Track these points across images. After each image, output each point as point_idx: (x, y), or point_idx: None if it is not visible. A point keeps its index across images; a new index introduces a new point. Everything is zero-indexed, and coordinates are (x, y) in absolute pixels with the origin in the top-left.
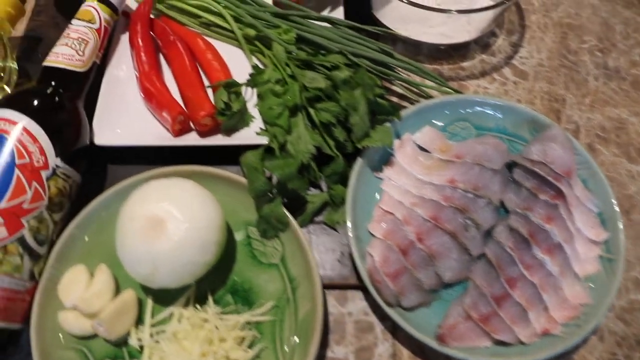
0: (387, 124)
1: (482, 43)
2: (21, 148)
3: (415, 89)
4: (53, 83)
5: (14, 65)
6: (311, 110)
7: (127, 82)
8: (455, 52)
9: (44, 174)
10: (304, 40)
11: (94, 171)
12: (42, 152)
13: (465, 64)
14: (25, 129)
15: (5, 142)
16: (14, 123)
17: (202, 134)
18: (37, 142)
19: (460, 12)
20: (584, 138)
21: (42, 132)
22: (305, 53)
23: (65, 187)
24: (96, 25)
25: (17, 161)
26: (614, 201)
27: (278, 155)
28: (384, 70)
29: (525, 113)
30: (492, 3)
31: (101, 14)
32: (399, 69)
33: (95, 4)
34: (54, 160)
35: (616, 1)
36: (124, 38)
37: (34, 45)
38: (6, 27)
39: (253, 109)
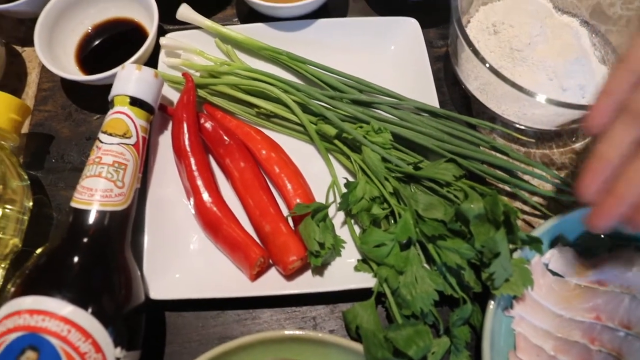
0: (524, 259)
1: None
2: (70, 351)
3: (532, 196)
4: (90, 234)
5: (25, 183)
6: (431, 248)
7: (178, 205)
8: (563, 130)
9: None
10: (398, 139)
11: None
12: (97, 349)
13: (577, 146)
14: (70, 322)
15: (48, 346)
16: (52, 316)
17: (287, 276)
18: (90, 336)
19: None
20: None
21: (95, 320)
22: (404, 160)
23: None
24: (133, 140)
25: None
26: None
27: (403, 323)
28: (500, 174)
29: None
30: (603, 67)
31: (136, 121)
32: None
33: (127, 108)
34: (113, 354)
35: None
36: (163, 141)
37: (43, 147)
38: (12, 138)
39: (340, 229)
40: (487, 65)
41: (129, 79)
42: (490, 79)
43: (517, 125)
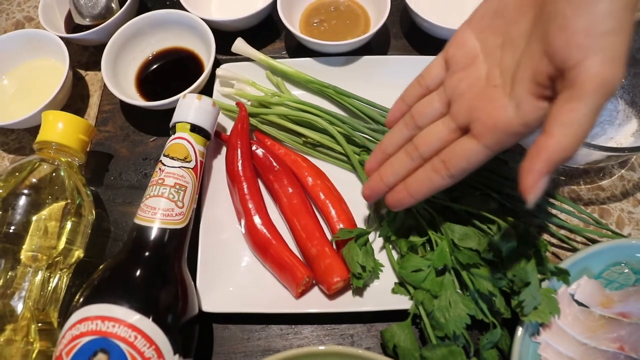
0: (551, 289)
1: (622, 160)
2: (136, 355)
3: (559, 229)
4: (152, 250)
5: (90, 198)
6: (465, 275)
7: (229, 225)
8: (590, 167)
9: None
10: None
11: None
12: (160, 355)
13: (604, 183)
14: (137, 329)
15: (117, 350)
16: (121, 323)
17: (329, 295)
18: (153, 343)
19: (598, 148)
20: None
21: (158, 328)
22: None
23: None
24: (192, 164)
25: None
26: None
27: (437, 343)
28: (531, 209)
29: None
30: (635, 121)
31: (196, 147)
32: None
33: (188, 135)
34: None
35: None
36: (217, 164)
37: (103, 165)
38: (79, 156)
39: (378, 254)
40: None
41: (190, 107)
42: None
43: None
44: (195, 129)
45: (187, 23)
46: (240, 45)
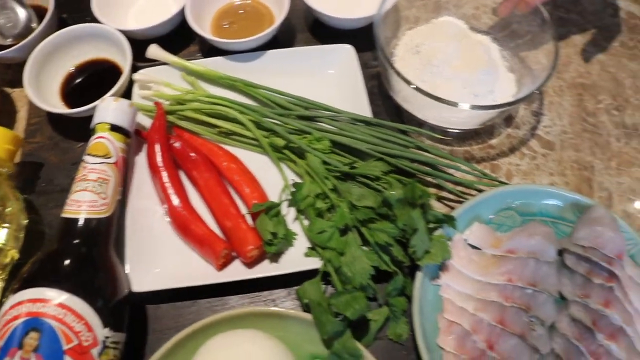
0: (443, 234)
1: (506, 116)
2: (67, 330)
3: (456, 186)
4: (79, 238)
5: (20, 205)
6: (364, 231)
7: (154, 213)
8: (482, 129)
9: (95, 352)
10: (337, 145)
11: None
12: (89, 328)
13: (493, 142)
14: (66, 307)
15: (47, 327)
16: (50, 302)
17: (248, 264)
18: (83, 318)
19: (475, 107)
20: (618, 204)
21: (86, 305)
22: (341, 162)
23: (116, 355)
24: (113, 159)
25: (64, 347)
26: None
27: (342, 290)
28: (425, 169)
29: (566, 196)
30: (513, 85)
31: (116, 144)
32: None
33: (108, 134)
34: (102, 333)
35: (621, 54)
36: (139, 160)
37: (34, 173)
38: (8, 165)
39: (292, 224)
40: (405, 80)
41: (108, 109)
42: (411, 92)
43: (441, 128)
44: (114, 128)
45: (104, 35)
46: (154, 51)
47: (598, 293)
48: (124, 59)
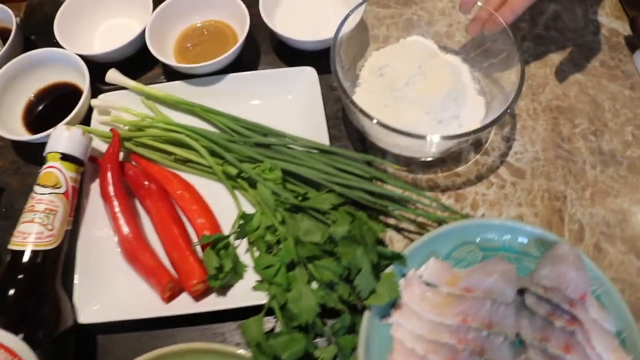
0: (393, 272)
1: (474, 142)
2: None
3: (417, 217)
4: (23, 271)
5: None
6: (310, 267)
7: (106, 241)
8: (448, 156)
9: None
10: (290, 174)
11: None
12: None
13: (460, 169)
14: (2, 346)
15: None
16: None
17: (196, 297)
18: (17, 355)
19: (434, 138)
20: (590, 238)
21: (22, 342)
22: (292, 194)
23: None
24: (63, 189)
25: None
26: (632, 322)
27: (283, 330)
28: (382, 202)
29: (530, 232)
30: (482, 109)
31: (66, 173)
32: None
33: (59, 163)
34: None
35: (601, 75)
36: (94, 187)
37: None
38: None
39: (244, 255)
40: (362, 113)
41: (60, 137)
42: (367, 121)
43: (404, 156)
44: (65, 157)
45: (64, 59)
46: (112, 75)
47: (559, 337)
48: (84, 83)
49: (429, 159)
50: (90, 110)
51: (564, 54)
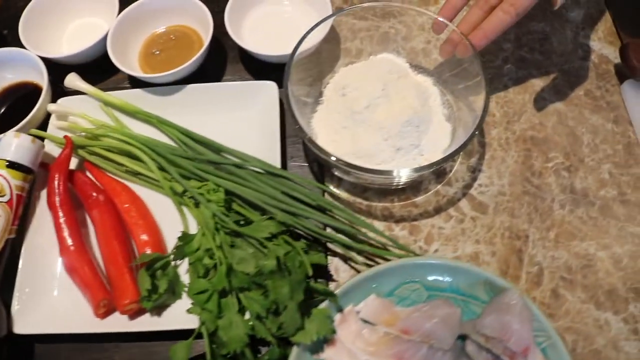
0: (326, 309)
1: (437, 170)
2: None
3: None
4: None
5: None
6: (242, 297)
7: (50, 251)
8: (408, 184)
9: None
10: (237, 196)
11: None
12: None
13: (418, 199)
14: None
15: None
16: None
17: (131, 316)
18: None
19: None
20: (548, 283)
21: None
22: (237, 217)
23: None
24: (6, 198)
25: None
26: None
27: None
28: (326, 233)
29: (479, 275)
30: (447, 136)
31: (11, 182)
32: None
33: (5, 171)
34: None
35: (584, 105)
36: (44, 195)
37: None
38: None
39: (185, 274)
40: (312, 145)
41: (8, 145)
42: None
43: (361, 183)
44: (12, 165)
45: (25, 60)
46: (71, 80)
47: None
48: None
49: (386, 186)
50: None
51: (546, 80)
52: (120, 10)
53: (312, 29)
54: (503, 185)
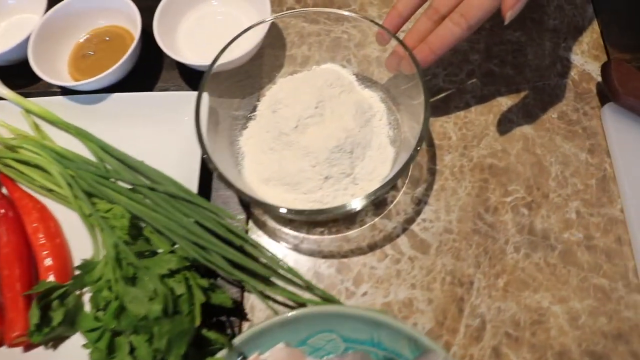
0: (222, 358)
1: (377, 200)
2: None
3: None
4: None
5: None
6: (132, 339)
7: None
8: (341, 215)
9: None
10: (144, 221)
11: None
12: None
13: (351, 233)
14: None
15: None
16: None
17: (25, 347)
18: None
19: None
20: (490, 339)
21: None
22: (144, 246)
23: None
24: None
25: None
26: None
27: None
28: (237, 274)
29: (403, 331)
30: (388, 163)
31: None
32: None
33: None
34: None
35: (557, 130)
36: None
37: None
38: None
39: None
40: (214, 169)
41: None
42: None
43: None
44: None
45: None
46: None
47: None
48: None
49: (318, 218)
50: None
51: (515, 99)
52: (50, 7)
53: (240, 34)
54: (450, 222)
